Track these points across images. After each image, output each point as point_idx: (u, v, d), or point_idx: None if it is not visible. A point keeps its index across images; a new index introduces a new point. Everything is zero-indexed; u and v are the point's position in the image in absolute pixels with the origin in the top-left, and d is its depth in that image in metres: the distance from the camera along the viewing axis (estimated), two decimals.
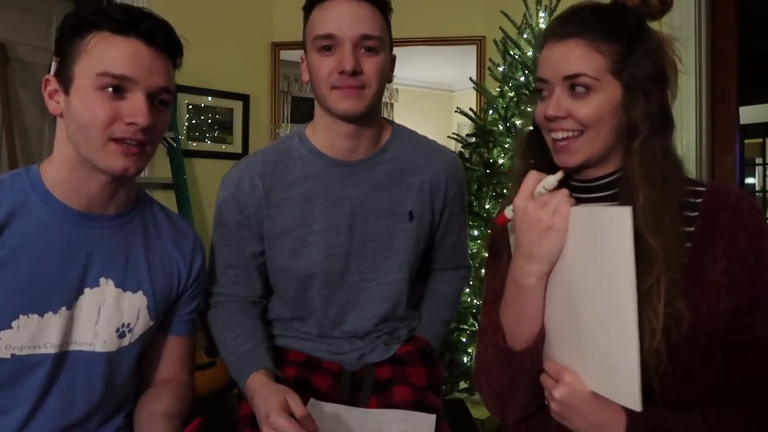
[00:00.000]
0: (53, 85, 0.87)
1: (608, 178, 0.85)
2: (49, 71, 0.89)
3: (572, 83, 0.79)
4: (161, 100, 0.88)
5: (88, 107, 0.83)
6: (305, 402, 0.98)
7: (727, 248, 0.77)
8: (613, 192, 0.84)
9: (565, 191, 0.77)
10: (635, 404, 0.69)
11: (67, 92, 0.86)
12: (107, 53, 0.83)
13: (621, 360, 0.69)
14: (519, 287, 0.80)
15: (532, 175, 0.79)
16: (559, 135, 0.82)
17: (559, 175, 0.77)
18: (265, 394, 0.94)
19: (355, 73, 0.99)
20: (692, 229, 0.79)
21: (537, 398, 0.85)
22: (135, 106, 0.84)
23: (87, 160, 0.86)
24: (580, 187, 0.89)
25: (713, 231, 0.78)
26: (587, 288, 0.73)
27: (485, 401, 0.92)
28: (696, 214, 0.80)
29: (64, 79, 0.86)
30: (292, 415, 0.91)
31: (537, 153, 0.91)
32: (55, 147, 0.91)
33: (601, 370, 0.73)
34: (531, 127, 0.94)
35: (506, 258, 0.91)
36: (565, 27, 0.82)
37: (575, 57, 0.79)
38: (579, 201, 0.88)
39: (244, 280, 1.14)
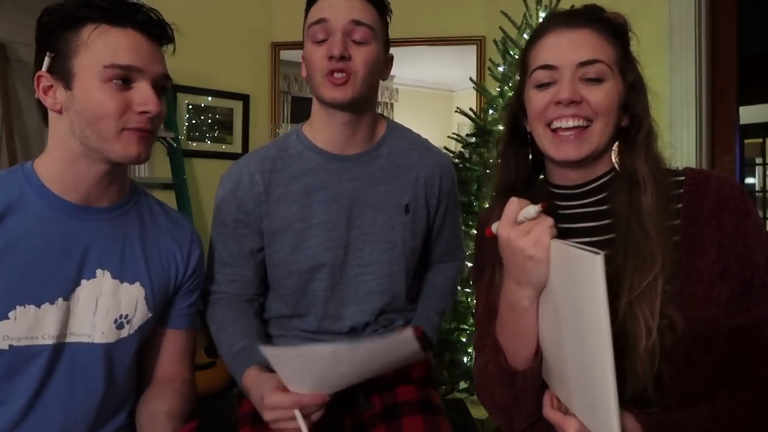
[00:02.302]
0: (47, 81, 0.88)
1: (596, 183, 0.86)
2: (39, 68, 0.88)
3: (587, 70, 0.80)
4: (162, 87, 0.92)
5: (98, 100, 0.85)
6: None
7: (716, 236, 0.77)
8: (602, 196, 0.85)
9: (548, 221, 0.75)
10: None
11: (68, 87, 0.86)
12: (110, 45, 0.85)
13: (600, 402, 0.67)
14: (512, 309, 0.80)
15: (514, 202, 0.77)
16: (570, 123, 0.81)
17: (540, 207, 0.75)
18: (259, 383, 0.96)
19: (343, 58, 1.02)
20: (678, 221, 0.79)
21: (541, 408, 0.85)
22: (144, 96, 0.87)
23: (96, 151, 0.88)
24: (566, 195, 0.88)
25: (698, 221, 0.79)
26: (569, 319, 0.72)
27: (490, 414, 0.92)
28: (680, 205, 0.80)
29: (63, 75, 0.86)
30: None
31: (517, 161, 0.92)
32: (50, 142, 0.91)
33: (584, 403, 0.73)
34: (504, 125, 0.95)
35: (495, 271, 0.90)
36: (574, 19, 0.83)
37: (590, 44, 0.81)
38: (566, 208, 0.89)
39: (240, 278, 1.15)
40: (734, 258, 0.77)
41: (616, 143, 0.84)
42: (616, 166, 0.84)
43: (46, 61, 0.87)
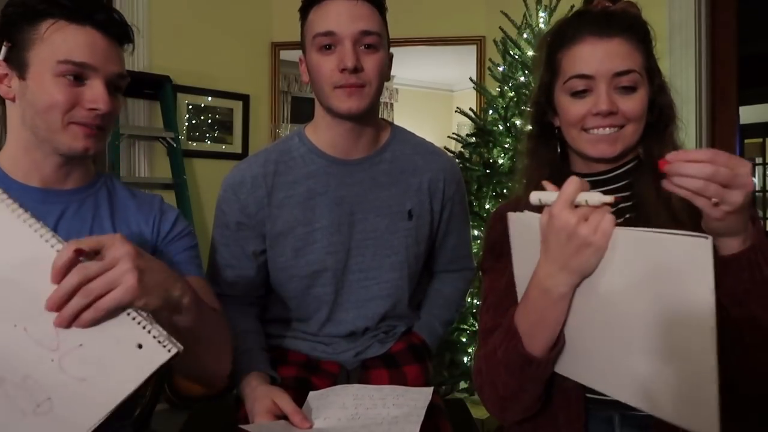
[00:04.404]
0: (2, 69, 0.90)
1: (620, 170, 0.90)
2: None
3: (621, 80, 0.85)
4: (117, 86, 0.92)
5: (48, 92, 0.87)
6: (304, 399, 0.99)
7: None
8: (625, 182, 0.90)
9: (607, 208, 0.72)
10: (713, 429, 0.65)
11: (22, 77, 0.88)
12: (66, 41, 0.87)
13: (697, 390, 0.65)
14: (546, 295, 0.76)
15: (574, 181, 0.72)
16: (606, 131, 0.86)
17: (609, 198, 0.71)
18: (252, 400, 0.96)
19: (356, 70, 1.00)
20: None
21: (539, 402, 0.86)
22: (96, 93, 0.88)
23: (45, 141, 0.89)
24: (591, 182, 0.90)
25: None
26: (641, 314, 0.69)
27: (485, 401, 0.91)
28: None
29: (18, 65, 0.88)
30: (285, 417, 0.92)
31: (544, 153, 0.95)
32: (8, 132, 0.93)
33: (668, 398, 0.70)
34: (530, 127, 0.96)
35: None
36: (608, 26, 0.86)
37: (623, 54, 0.85)
38: None
39: (242, 280, 1.15)
40: None
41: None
42: (642, 158, 0.90)
43: (3, 50, 0.90)
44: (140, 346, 0.64)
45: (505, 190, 2.04)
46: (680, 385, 0.67)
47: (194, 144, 2.80)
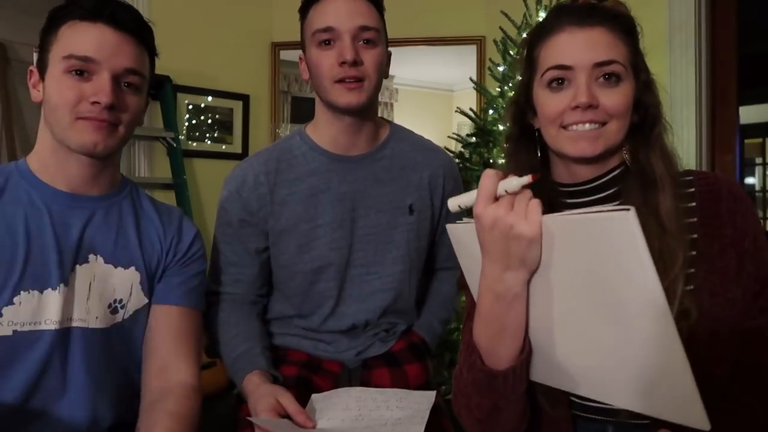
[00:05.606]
0: (35, 75, 0.93)
1: (605, 178, 0.83)
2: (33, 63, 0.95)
3: (603, 71, 0.77)
4: (129, 83, 0.93)
5: (57, 89, 0.89)
6: (306, 401, 0.99)
7: (733, 236, 0.77)
8: (613, 191, 0.82)
9: (528, 192, 0.68)
10: (703, 423, 0.60)
11: (43, 78, 0.92)
12: (74, 38, 0.89)
13: (675, 383, 0.60)
14: (500, 300, 0.71)
15: (488, 175, 0.68)
16: (587, 126, 0.78)
17: (526, 179, 0.66)
18: (256, 398, 0.96)
19: (356, 63, 1.02)
20: (694, 219, 0.78)
21: (524, 418, 0.80)
22: (98, 87, 0.89)
23: (61, 141, 0.91)
24: (574, 192, 0.85)
25: (718, 221, 0.77)
26: (595, 302, 0.64)
27: (466, 427, 0.84)
28: (693, 204, 0.79)
29: (41, 67, 0.92)
30: (287, 415, 0.92)
31: (524, 157, 0.88)
32: (38, 135, 0.95)
33: (637, 383, 0.65)
34: (511, 123, 0.91)
35: None
36: (588, 16, 0.79)
37: (605, 44, 0.78)
38: (573, 206, 0.84)
39: (245, 278, 1.15)
40: (749, 259, 0.76)
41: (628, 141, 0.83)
42: (628, 162, 0.82)
43: (34, 56, 0.93)
44: None
45: None
46: (658, 379, 0.62)
47: (194, 144, 2.80)
